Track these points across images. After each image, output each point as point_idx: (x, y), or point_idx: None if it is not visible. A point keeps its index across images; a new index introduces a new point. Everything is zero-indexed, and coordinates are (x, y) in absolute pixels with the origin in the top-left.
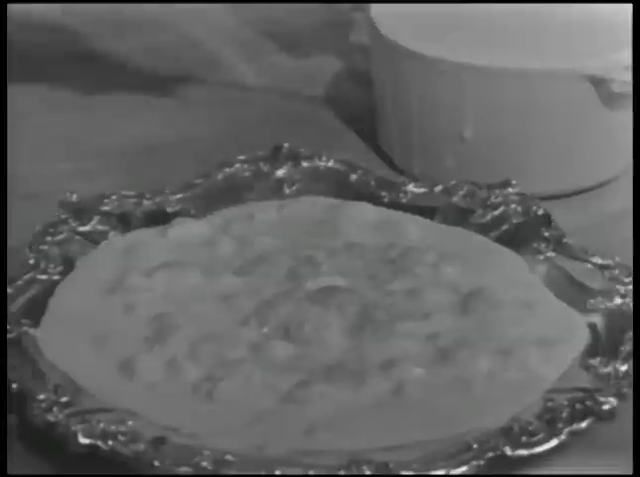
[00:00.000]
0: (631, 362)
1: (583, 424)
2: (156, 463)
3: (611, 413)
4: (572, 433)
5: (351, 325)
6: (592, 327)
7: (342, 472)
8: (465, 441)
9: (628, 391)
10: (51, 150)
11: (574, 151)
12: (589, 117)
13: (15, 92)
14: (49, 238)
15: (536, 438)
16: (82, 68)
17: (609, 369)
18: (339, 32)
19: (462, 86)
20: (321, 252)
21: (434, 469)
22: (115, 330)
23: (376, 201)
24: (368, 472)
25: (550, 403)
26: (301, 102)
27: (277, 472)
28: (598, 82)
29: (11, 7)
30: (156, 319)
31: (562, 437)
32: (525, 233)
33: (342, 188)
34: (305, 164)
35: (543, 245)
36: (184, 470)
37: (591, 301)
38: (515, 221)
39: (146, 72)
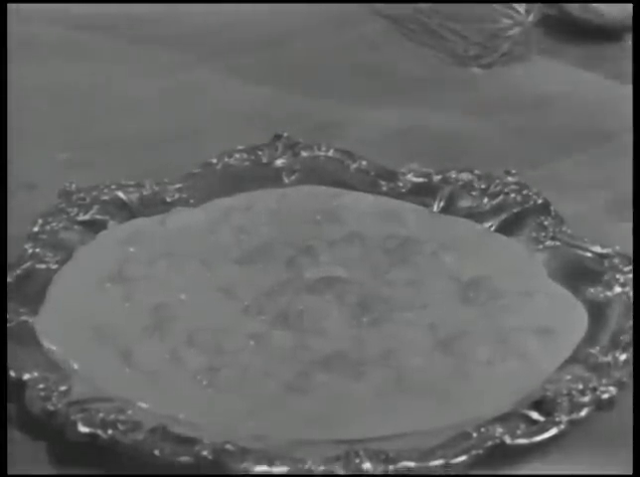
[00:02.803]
0: (631, 351)
1: (583, 414)
2: (156, 452)
3: (611, 403)
4: (572, 422)
5: (350, 315)
6: (592, 316)
7: (341, 462)
8: (464, 430)
9: (628, 380)
10: (50, 140)
11: None
12: None
13: (14, 82)
14: (48, 228)
15: (535, 427)
16: (82, 57)
17: (609, 358)
18: None
19: None
20: (320, 242)
21: (434, 458)
22: (114, 319)
23: (375, 190)
24: (367, 462)
25: (549, 393)
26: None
27: (277, 463)
28: None
29: None
30: (155, 309)
31: (562, 427)
32: (524, 221)
33: (341, 178)
34: (304, 154)
35: (542, 234)
36: (184, 459)
37: (591, 290)
38: (514, 210)
39: (145, 61)
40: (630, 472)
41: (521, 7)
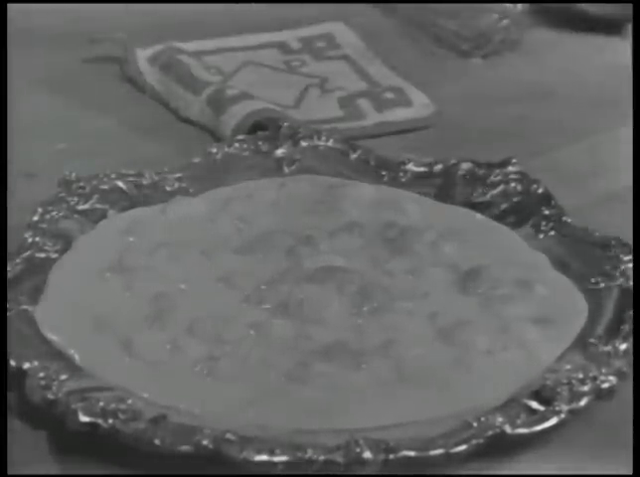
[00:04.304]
0: (631, 340)
1: (582, 403)
2: (156, 441)
3: (611, 392)
4: (572, 412)
5: (351, 304)
6: (592, 305)
7: (341, 451)
8: (465, 420)
9: (628, 369)
10: (50, 130)
11: None
12: None
13: (14, 73)
14: (48, 217)
15: (535, 417)
16: (82, 49)
17: (609, 347)
18: None
19: None
20: (320, 232)
21: (434, 448)
22: (114, 309)
23: (375, 180)
24: (367, 451)
25: (549, 382)
26: None
27: (277, 452)
28: None
29: None
30: (155, 298)
31: (562, 416)
32: (525, 211)
33: (341, 167)
34: (304, 143)
35: (542, 224)
36: (184, 448)
37: (591, 280)
38: (515, 199)
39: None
40: (630, 462)
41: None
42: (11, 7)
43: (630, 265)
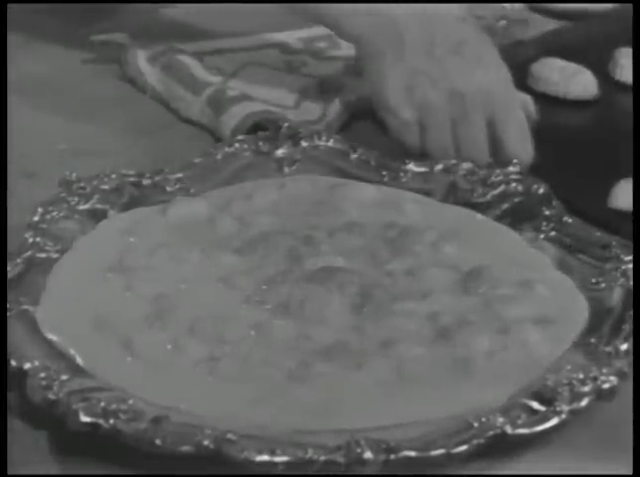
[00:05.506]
0: (631, 340)
1: (583, 403)
2: (157, 441)
3: (611, 392)
4: (573, 412)
5: (351, 305)
6: (593, 306)
7: (342, 451)
8: (465, 420)
9: (628, 370)
10: (50, 130)
11: None
12: None
13: (14, 73)
14: (48, 217)
15: (536, 417)
16: (82, 49)
17: (609, 347)
18: None
19: None
20: (321, 232)
21: (435, 448)
22: (115, 309)
23: (376, 180)
24: (368, 451)
25: (550, 382)
26: None
27: (278, 452)
28: None
29: None
30: (156, 298)
31: (563, 416)
32: (525, 211)
33: (342, 167)
34: (305, 143)
35: (543, 224)
36: (185, 449)
37: (591, 280)
38: (515, 199)
39: None
40: (630, 463)
41: None
42: (11, 7)
43: (630, 265)
